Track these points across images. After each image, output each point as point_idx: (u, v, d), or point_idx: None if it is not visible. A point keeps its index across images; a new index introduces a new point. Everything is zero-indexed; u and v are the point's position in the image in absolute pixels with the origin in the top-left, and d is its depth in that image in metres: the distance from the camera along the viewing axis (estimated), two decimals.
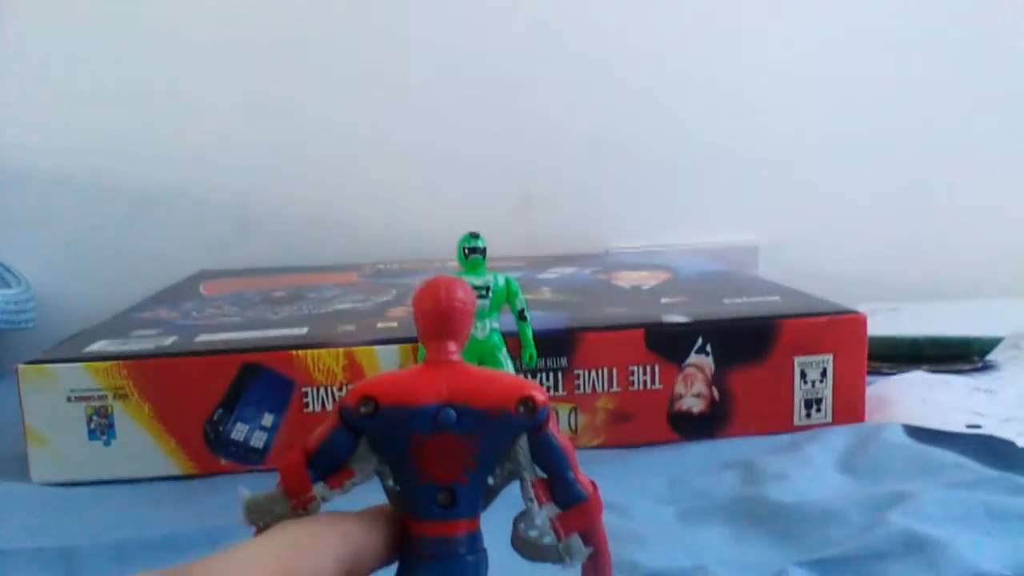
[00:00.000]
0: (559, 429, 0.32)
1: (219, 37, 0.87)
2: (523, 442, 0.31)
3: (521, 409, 0.31)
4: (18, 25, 0.84)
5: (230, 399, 0.51)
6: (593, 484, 0.33)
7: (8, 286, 0.79)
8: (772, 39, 0.91)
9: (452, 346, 0.31)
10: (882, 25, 0.92)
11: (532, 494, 0.32)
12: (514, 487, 0.32)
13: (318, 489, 0.31)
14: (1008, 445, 0.49)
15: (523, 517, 0.32)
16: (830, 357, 0.55)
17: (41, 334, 0.75)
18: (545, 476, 0.32)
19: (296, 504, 0.31)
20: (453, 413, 0.30)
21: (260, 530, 0.30)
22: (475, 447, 0.31)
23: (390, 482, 0.32)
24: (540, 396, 0.31)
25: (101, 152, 0.87)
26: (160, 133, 0.87)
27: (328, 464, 0.31)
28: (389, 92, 0.88)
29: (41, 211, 0.86)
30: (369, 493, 0.32)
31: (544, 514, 0.32)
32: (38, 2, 0.84)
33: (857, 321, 0.55)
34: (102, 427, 0.51)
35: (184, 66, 0.86)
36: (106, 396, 0.51)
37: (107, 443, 0.51)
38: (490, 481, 0.32)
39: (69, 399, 0.51)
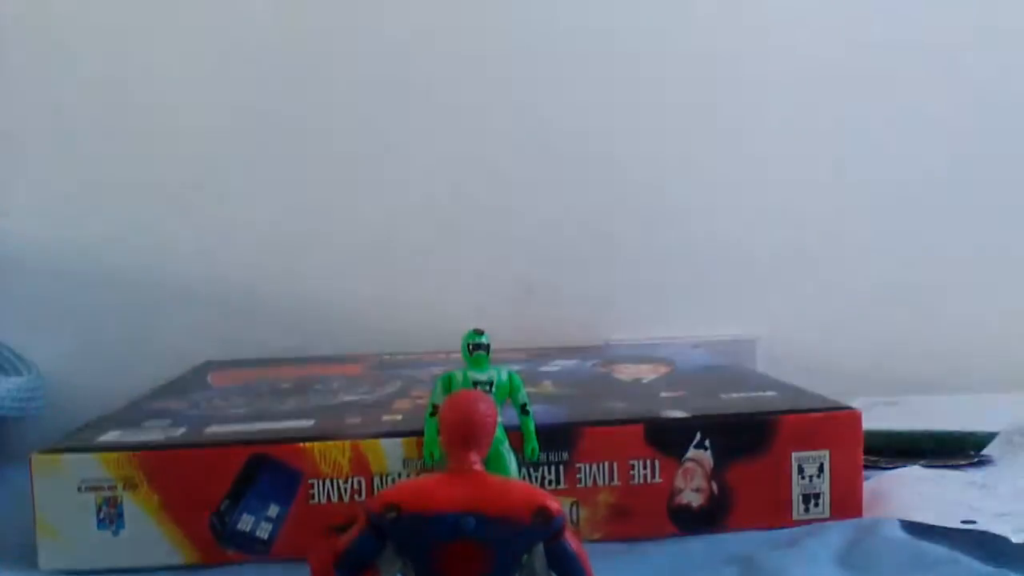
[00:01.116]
0: (574, 536, 0.33)
1: (228, 130, 0.89)
2: (539, 550, 0.33)
3: (536, 519, 0.32)
4: (28, 114, 0.87)
5: (237, 490, 0.52)
6: None
7: (19, 374, 0.81)
8: (770, 135, 0.94)
9: (474, 456, 0.34)
10: (880, 121, 0.95)
11: None
12: None
13: None
14: (1003, 541, 0.50)
15: None
16: (827, 453, 0.56)
17: (49, 421, 0.76)
18: None
19: None
20: (472, 521, 0.32)
21: None
22: (493, 553, 0.33)
23: None
24: (555, 506, 0.33)
25: (110, 242, 0.89)
26: (168, 224, 0.89)
27: (355, 565, 0.33)
28: (391, 185, 0.91)
29: (50, 300, 0.88)
30: None
31: None
32: (49, 91, 0.87)
33: (852, 417, 0.57)
34: (111, 517, 0.51)
35: (193, 158, 0.89)
36: (116, 486, 0.51)
37: (115, 533, 0.51)
38: None
39: (80, 489, 0.51)
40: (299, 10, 0.89)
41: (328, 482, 0.53)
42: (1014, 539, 0.50)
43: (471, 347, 0.50)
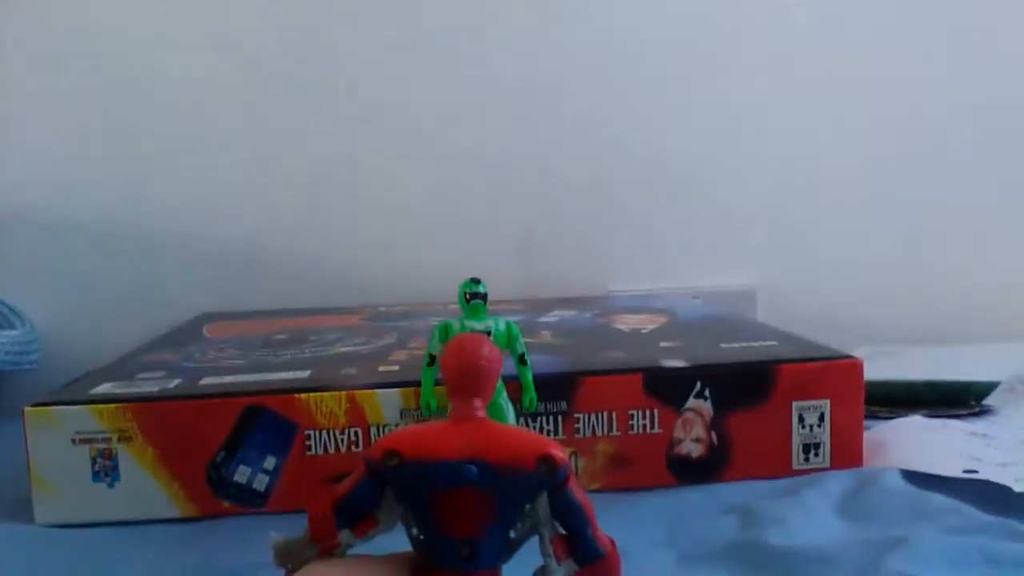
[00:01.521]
0: (578, 486, 0.33)
1: (224, 85, 0.88)
2: (543, 499, 0.32)
3: (541, 467, 0.31)
4: (24, 70, 0.86)
5: (233, 442, 0.52)
6: (612, 542, 0.33)
7: (12, 327, 0.80)
8: (770, 85, 0.93)
9: (476, 402, 0.33)
10: (879, 72, 0.94)
11: (551, 550, 0.32)
12: (534, 541, 0.33)
13: (344, 536, 0.32)
14: (1005, 490, 0.49)
15: (542, 572, 0.32)
16: (827, 402, 0.55)
17: (44, 375, 0.76)
18: (564, 532, 0.33)
19: (323, 549, 0.32)
20: (474, 469, 0.31)
21: (289, 572, 0.32)
22: (496, 502, 0.32)
23: (414, 530, 0.33)
24: (560, 455, 0.32)
25: (105, 195, 0.88)
26: (164, 177, 0.88)
27: (354, 512, 0.32)
28: (391, 138, 0.90)
29: (45, 254, 0.87)
30: (392, 539, 0.32)
31: (563, 570, 0.32)
32: (44, 48, 0.86)
33: (854, 366, 0.56)
34: (106, 469, 0.51)
35: (189, 111, 0.88)
36: (110, 438, 0.51)
37: (111, 485, 0.51)
38: (511, 535, 0.33)
39: (74, 441, 0.51)
40: None
41: (324, 433, 0.52)
42: (1016, 488, 0.49)
43: (468, 296, 0.49)
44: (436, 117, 0.90)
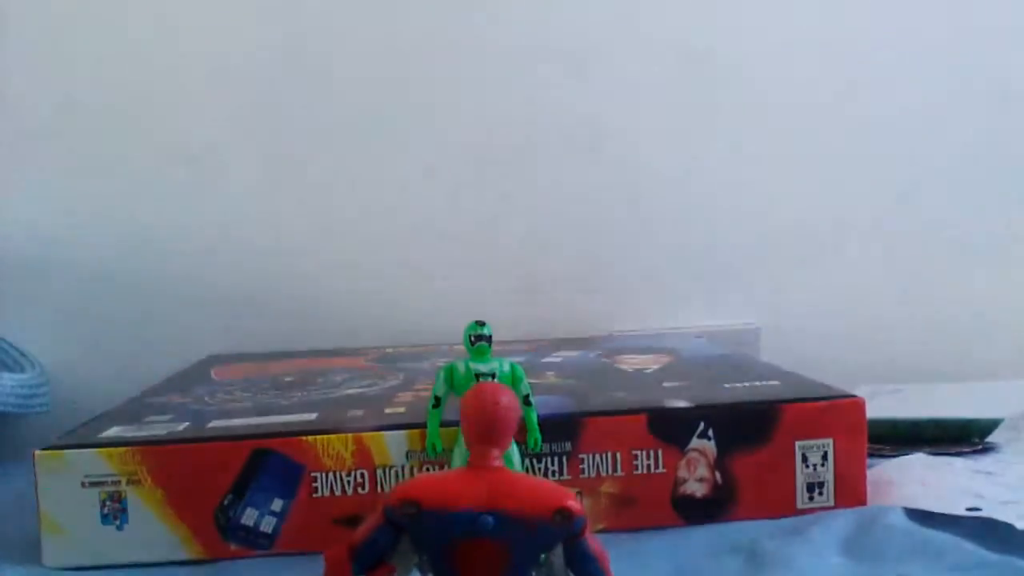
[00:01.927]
0: (594, 536, 0.33)
1: (231, 126, 0.89)
2: (559, 550, 0.33)
3: (557, 519, 0.32)
4: (33, 109, 0.87)
5: (240, 484, 0.52)
6: None
7: (22, 370, 0.81)
8: (771, 125, 0.94)
9: (495, 452, 0.33)
10: (879, 108, 0.95)
11: None
12: None
13: None
14: (1008, 528, 0.50)
15: None
16: (831, 441, 0.56)
17: (52, 418, 0.77)
18: None
19: None
20: (491, 520, 0.32)
21: None
22: (512, 552, 0.32)
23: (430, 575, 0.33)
24: (576, 506, 0.32)
25: (113, 238, 0.89)
26: (171, 219, 0.89)
27: (371, 559, 0.33)
28: (397, 178, 0.91)
29: (53, 296, 0.88)
30: None
31: None
32: (55, 86, 0.87)
33: (856, 405, 0.56)
34: (115, 512, 0.51)
35: (196, 153, 0.89)
36: (120, 481, 0.52)
37: (119, 528, 0.52)
38: None
39: (83, 484, 0.51)
40: (299, 8, 0.89)
41: (331, 475, 0.53)
42: (1019, 526, 0.50)
43: (473, 338, 0.50)
44: (439, 158, 0.91)
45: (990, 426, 0.69)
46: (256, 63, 0.89)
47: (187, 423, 0.56)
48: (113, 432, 0.55)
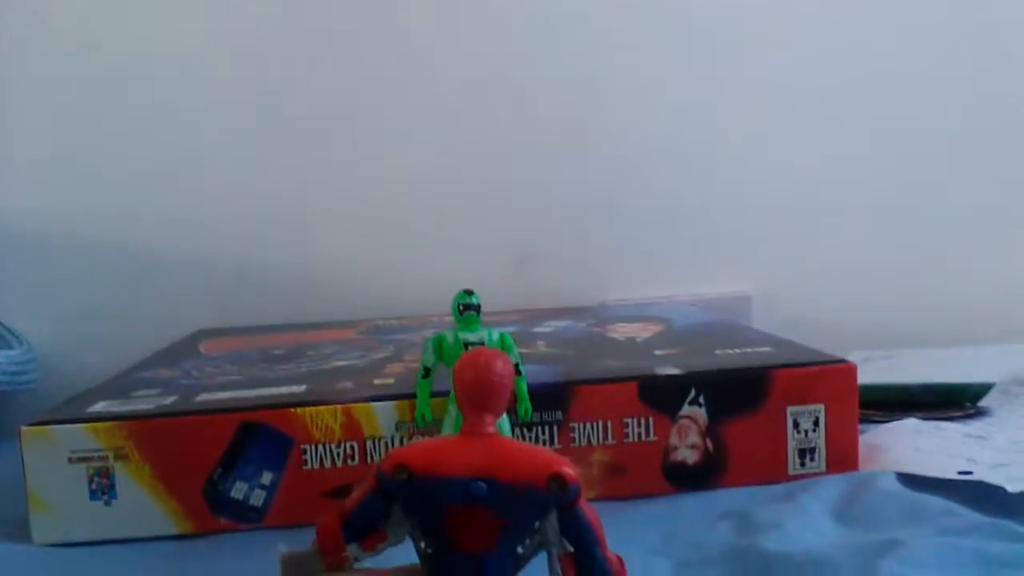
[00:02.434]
0: (588, 505, 0.33)
1: (216, 99, 0.88)
2: (552, 517, 0.32)
3: (552, 486, 0.32)
4: (20, 88, 0.86)
5: (229, 458, 0.52)
6: (620, 560, 0.33)
7: (10, 347, 0.80)
8: (762, 93, 0.93)
9: (488, 418, 0.33)
10: (872, 76, 0.94)
11: (559, 569, 0.32)
12: (542, 557, 0.33)
13: (352, 550, 0.33)
14: (999, 491, 0.50)
15: None
16: (822, 407, 0.56)
17: (42, 395, 0.76)
18: (573, 551, 0.33)
19: (331, 562, 0.32)
20: (484, 486, 0.31)
21: None
22: (505, 519, 0.32)
23: (422, 544, 0.33)
24: (571, 473, 0.32)
25: (100, 213, 0.88)
26: (158, 192, 0.88)
27: (363, 526, 0.33)
28: (387, 149, 0.90)
29: (41, 272, 0.87)
30: (400, 551, 0.33)
31: None
32: (40, 66, 0.86)
33: (847, 370, 0.56)
34: (103, 488, 0.51)
35: (183, 126, 0.88)
36: (107, 457, 0.51)
37: (108, 503, 0.51)
38: (519, 551, 0.33)
39: (70, 460, 0.51)
40: None
41: (320, 447, 0.52)
42: (1010, 489, 0.50)
43: (461, 307, 0.50)
44: (430, 127, 0.90)
45: (982, 390, 0.69)
46: (252, 35, 0.88)
47: (175, 397, 0.56)
48: (100, 407, 0.54)
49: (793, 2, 0.93)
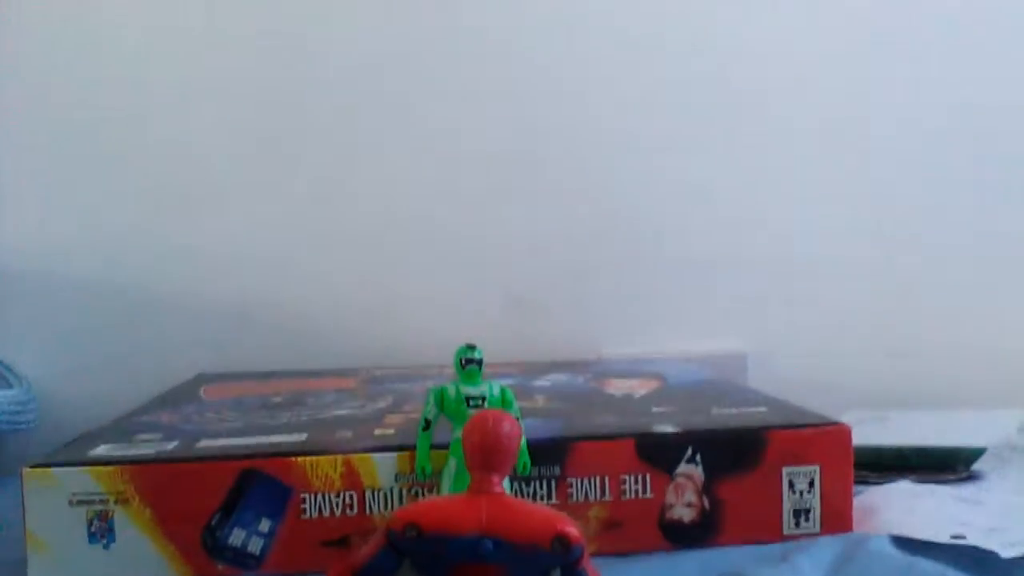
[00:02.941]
0: (591, 565, 0.33)
1: (221, 142, 0.90)
2: (556, 575, 0.33)
3: (556, 546, 0.32)
4: (20, 124, 0.88)
5: (229, 504, 0.52)
6: None
7: (9, 386, 0.81)
8: (758, 148, 0.95)
9: (495, 478, 0.34)
10: (864, 137, 0.96)
11: None
12: None
13: None
14: (992, 556, 0.50)
15: None
16: (817, 468, 0.56)
17: (41, 435, 0.76)
18: None
19: None
20: (491, 544, 0.32)
21: None
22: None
23: None
24: (574, 533, 0.33)
25: (101, 255, 0.89)
26: (160, 234, 0.89)
27: None
28: (384, 200, 0.91)
29: (41, 313, 0.88)
30: None
31: None
32: (40, 101, 0.88)
33: (842, 432, 0.57)
34: (102, 531, 0.51)
35: (185, 167, 0.89)
36: (108, 500, 0.51)
37: (107, 547, 0.51)
38: None
39: (71, 503, 0.51)
40: (290, 26, 0.90)
41: (319, 496, 0.53)
42: (1003, 554, 0.50)
43: (464, 361, 0.50)
44: (427, 180, 0.92)
45: (975, 454, 0.70)
46: (250, 79, 0.90)
47: (176, 442, 0.56)
48: (102, 450, 0.55)
49: (790, 61, 0.95)
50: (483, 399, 0.50)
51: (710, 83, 0.94)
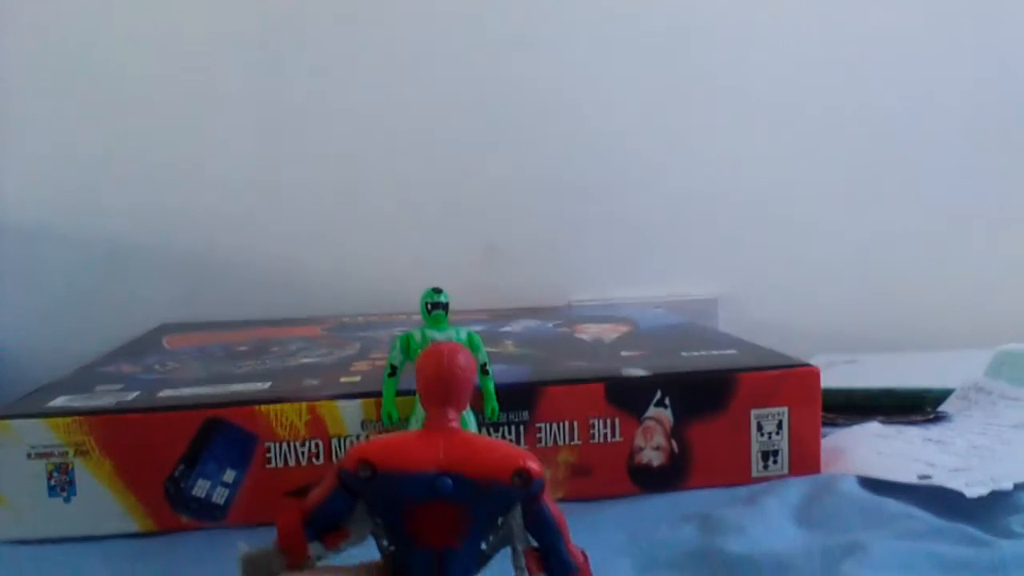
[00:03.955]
0: (552, 500, 0.33)
1: (184, 91, 0.88)
2: (517, 512, 0.32)
3: (516, 480, 0.31)
4: None
5: (192, 455, 0.51)
6: (584, 555, 0.33)
7: None
8: (729, 92, 0.94)
9: (451, 413, 0.33)
10: (838, 73, 0.95)
11: (523, 563, 0.32)
12: (505, 553, 0.33)
13: (313, 548, 0.32)
14: (957, 495, 0.50)
15: None
16: (786, 409, 0.56)
17: (2, 389, 0.75)
18: (537, 546, 0.32)
19: (292, 561, 0.32)
20: (449, 481, 0.31)
21: None
22: (469, 514, 0.32)
23: (384, 542, 0.32)
24: (535, 468, 0.32)
25: (62, 203, 0.87)
26: (122, 185, 0.87)
27: (325, 524, 0.32)
28: (352, 144, 0.90)
29: (1, 264, 0.86)
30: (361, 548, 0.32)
31: None
32: (8, 56, 0.85)
33: (810, 374, 0.57)
34: (62, 484, 0.50)
35: (147, 117, 0.87)
36: (67, 452, 0.50)
37: (67, 500, 0.50)
38: (483, 547, 0.33)
39: (29, 456, 0.50)
40: None
41: (285, 445, 0.52)
42: (968, 493, 0.50)
43: (429, 306, 0.49)
44: (399, 126, 0.90)
45: (942, 395, 0.70)
46: (221, 36, 0.88)
47: (137, 392, 0.55)
48: (60, 402, 0.54)
49: (777, 14, 0.94)
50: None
51: (682, 39, 0.93)
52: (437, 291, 0.50)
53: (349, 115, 0.90)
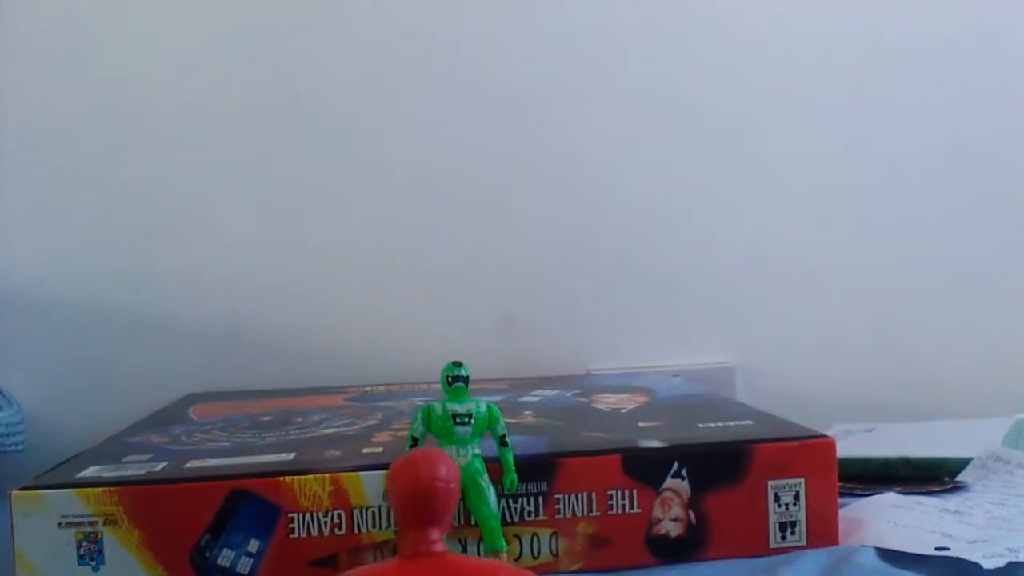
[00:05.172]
0: None
1: (209, 164, 0.90)
2: None
3: None
4: (12, 146, 0.88)
5: (217, 525, 0.52)
6: None
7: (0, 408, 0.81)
8: (744, 166, 0.96)
9: (434, 534, 0.29)
10: (857, 150, 0.97)
11: None
12: None
13: None
14: (975, 567, 0.50)
15: None
16: (803, 481, 0.57)
17: (30, 457, 0.76)
18: None
19: None
20: None
21: None
22: None
23: None
24: None
25: (91, 273, 0.89)
26: (148, 255, 0.90)
27: None
28: (371, 218, 0.92)
29: (30, 334, 0.88)
30: None
31: None
32: (31, 125, 0.88)
33: (826, 445, 0.57)
34: (91, 553, 0.51)
35: (170, 184, 0.90)
36: (97, 522, 0.51)
37: (96, 569, 0.51)
38: None
39: (60, 525, 0.51)
40: (278, 44, 0.91)
41: (308, 516, 0.53)
42: (986, 565, 0.50)
43: (450, 379, 0.51)
44: (417, 196, 0.92)
45: (960, 465, 0.71)
46: (242, 104, 0.90)
47: (165, 463, 0.56)
48: (90, 472, 0.55)
49: (782, 81, 0.96)
50: (470, 416, 0.51)
51: (693, 105, 0.95)
52: (457, 364, 0.51)
53: (370, 188, 0.92)
